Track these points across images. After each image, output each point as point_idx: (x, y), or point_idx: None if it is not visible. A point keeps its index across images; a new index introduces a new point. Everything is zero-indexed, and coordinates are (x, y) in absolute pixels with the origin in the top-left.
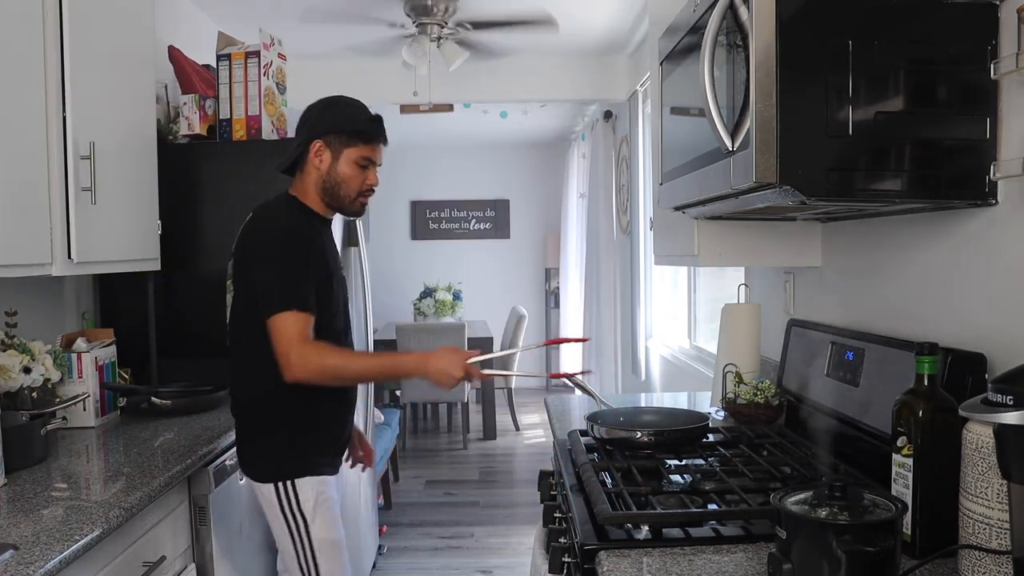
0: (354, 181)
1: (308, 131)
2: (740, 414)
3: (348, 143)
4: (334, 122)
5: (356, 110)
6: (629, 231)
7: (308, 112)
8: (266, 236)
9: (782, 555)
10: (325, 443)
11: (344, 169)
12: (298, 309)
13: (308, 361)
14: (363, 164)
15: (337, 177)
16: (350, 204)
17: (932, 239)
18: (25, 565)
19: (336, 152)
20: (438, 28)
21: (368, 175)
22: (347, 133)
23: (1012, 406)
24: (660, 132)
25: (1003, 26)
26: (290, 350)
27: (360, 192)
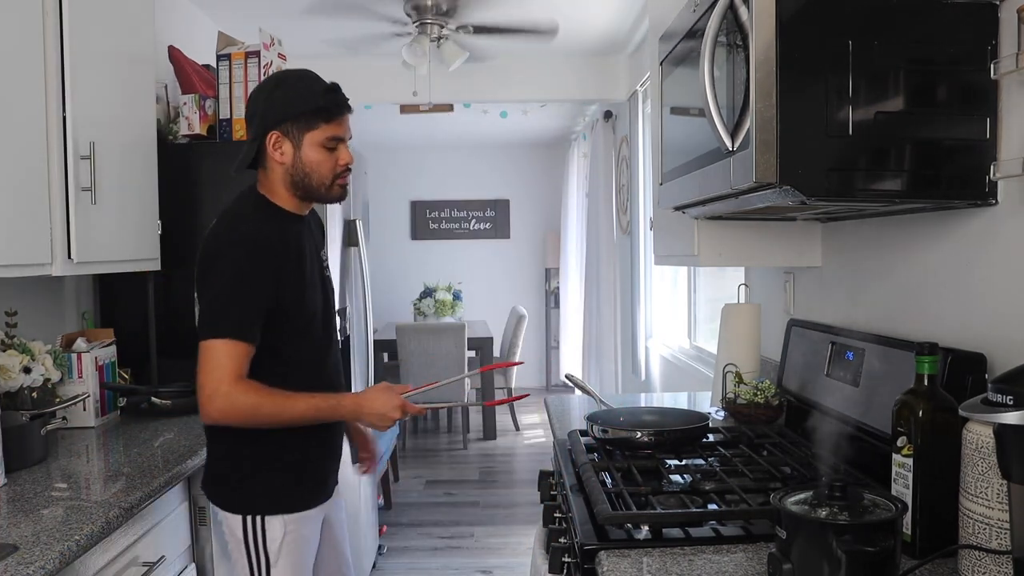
0: (324, 166)
1: (260, 122)
2: (740, 414)
3: (308, 126)
4: (287, 105)
5: (308, 83)
6: (629, 231)
7: (255, 99)
8: (218, 246)
9: (782, 555)
10: (304, 474)
11: (310, 156)
12: (232, 338)
13: (236, 404)
14: (330, 146)
15: (304, 167)
16: (327, 192)
17: (932, 239)
18: (25, 565)
19: (297, 140)
20: (438, 28)
21: (339, 154)
22: (305, 115)
23: (1012, 406)
24: (660, 132)
25: (1003, 26)
26: (218, 389)
27: (335, 176)
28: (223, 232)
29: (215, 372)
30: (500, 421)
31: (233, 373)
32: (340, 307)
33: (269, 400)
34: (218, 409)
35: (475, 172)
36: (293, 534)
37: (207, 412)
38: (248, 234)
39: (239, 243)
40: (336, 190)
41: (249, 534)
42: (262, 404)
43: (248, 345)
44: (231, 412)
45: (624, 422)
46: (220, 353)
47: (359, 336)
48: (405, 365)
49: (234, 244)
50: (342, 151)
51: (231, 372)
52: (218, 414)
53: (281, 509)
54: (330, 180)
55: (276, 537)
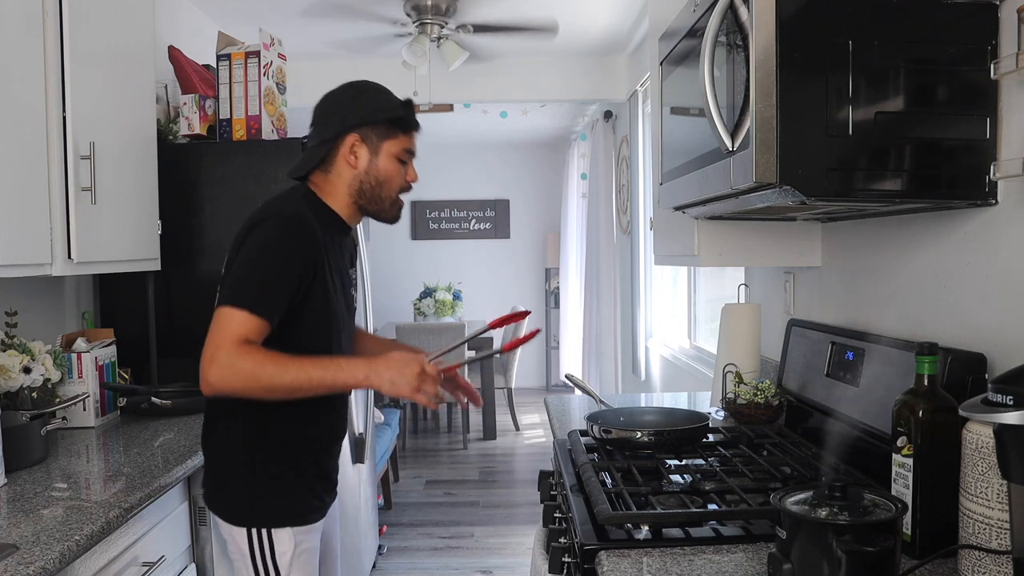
0: (396, 179)
1: (339, 123)
2: (740, 414)
3: (387, 135)
4: (371, 111)
5: (388, 95)
6: (629, 231)
7: (332, 101)
8: (261, 219)
9: (782, 555)
10: (315, 482)
11: (386, 166)
12: (249, 310)
13: (235, 367)
14: (404, 159)
15: (379, 176)
16: (391, 207)
17: (932, 239)
18: (25, 565)
19: (375, 147)
20: (438, 28)
21: (409, 170)
22: (385, 123)
23: (1012, 406)
24: (660, 132)
25: (1003, 26)
26: (216, 352)
27: (401, 191)
28: (268, 209)
29: (218, 336)
30: (500, 421)
31: (237, 338)
32: None
33: (271, 361)
34: (215, 374)
35: (475, 172)
36: (303, 545)
37: (205, 378)
38: (294, 216)
39: (282, 221)
40: (398, 208)
41: (256, 548)
42: (263, 365)
43: (263, 322)
44: (229, 376)
45: (624, 422)
46: (231, 320)
47: None
48: None
49: (277, 220)
50: (411, 167)
51: (236, 337)
52: (215, 378)
53: (291, 521)
54: (396, 195)
55: (286, 551)
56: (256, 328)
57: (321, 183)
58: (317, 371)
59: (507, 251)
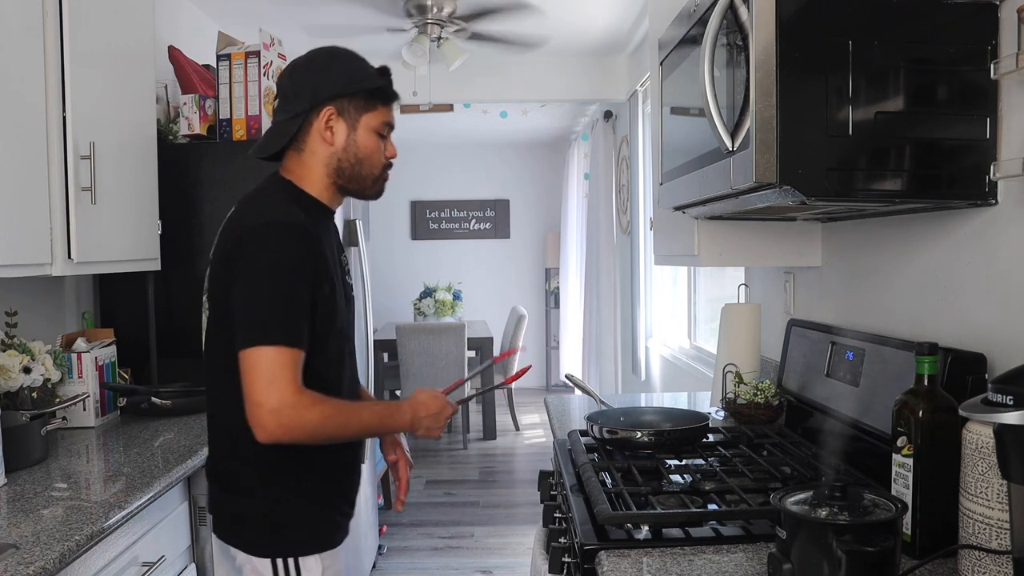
0: (377, 155)
1: (311, 95)
2: (740, 414)
3: (366, 107)
4: (347, 80)
5: (363, 63)
6: (629, 231)
7: (302, 70)
8: (249, 234)
9: (782, 555)
10: (339, 502)
11: (365, 141)
12: (284, 344)
13: (304, 419)
14: (383, 132)
15: (358, 152)
16: (373, 184)
17: (932, 239)
18: (25, 565)
19: (353, 120)
20: (438, 28)
21: (388, 146)
22: (363, 94)
23: (1012, 406)
24: (660, 132)
25: (1003, 26)
26: (283, 403)
27: (383, 167)
28: (254, 215)
29: (275, 384)
30: (500, 421)
31: (294, 384)
32: None
33: (335, 411)
34: (284, 426)
35: (475, 172)
36: (331, 570)
37: (269, 430)
38: (284, 220)
39: (275, 231)
40: (380, 185)
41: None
42: (330, 416)
43: (300, 351)
44: (298, 428)
45: (624, 422)
46: (274, 363)
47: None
48: (405, 365)
49: (269, 231)
50: (390, 143)
51: (292, 383)
52: (283, 431)
53: (318, 547)
54: (379, 172)
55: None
56: (296, 361)
57: (294, 166)
58: (374, 421)
59: (507, 251)
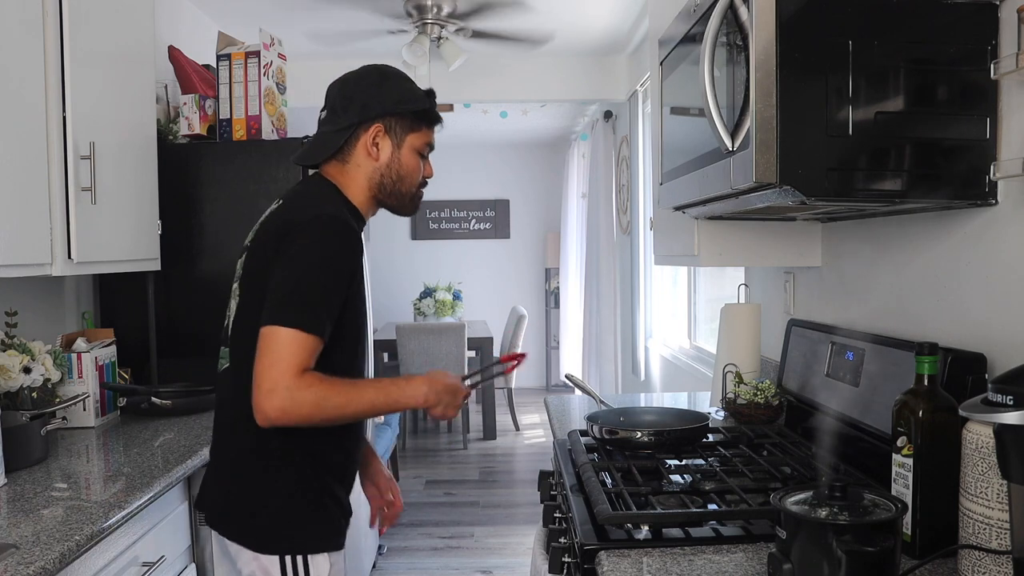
0: (416, 173)
1: (361, 111)
2: (740, 414)
3: (412, 127)
4: (397, 100)
5: (412, 84)
6: (629, 231)
7: (354, 85)
8: (307, 228)
9: (782, 555)
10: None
11: (408, 159)
12: (302, 329)
13: (298, 401)
14: (424, 153)
15: (400, 170)
16: (410, 201)
17: (932, 239)
18: (25, 565)
19: (399, 139)
20: (438, 28)
21: (427, 165)
22: (411, 115)
23: (1012, 406)
24: (660, 132)
25: (1003, 26)
26: (277, 384)
27: (420, 186)
28: (305, 208)
29: (277, 365)
30: (500, 421)
31: (296, 368)
32: None
33: (333, 391)
34: (277, 408)
35: (475, 172)
36: (337, 567)
37: (264, 411)
38: (338, 218)
39: (328, 224)
40: (416, 203)
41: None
42: (327, 397)
43: (318, 340)
44: (292, 410)
45: (624, 422)
46: (285, 345)
47: None
48: (405, 365)
49: (322, 224)
50: (428, 163)
51: (294, 367)
52: (277, 413)
53: (327, 545)
54: (415, 190)
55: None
56: (311, 348)
57: (337, 174)
58: (380, 398)
59: (507, 251)
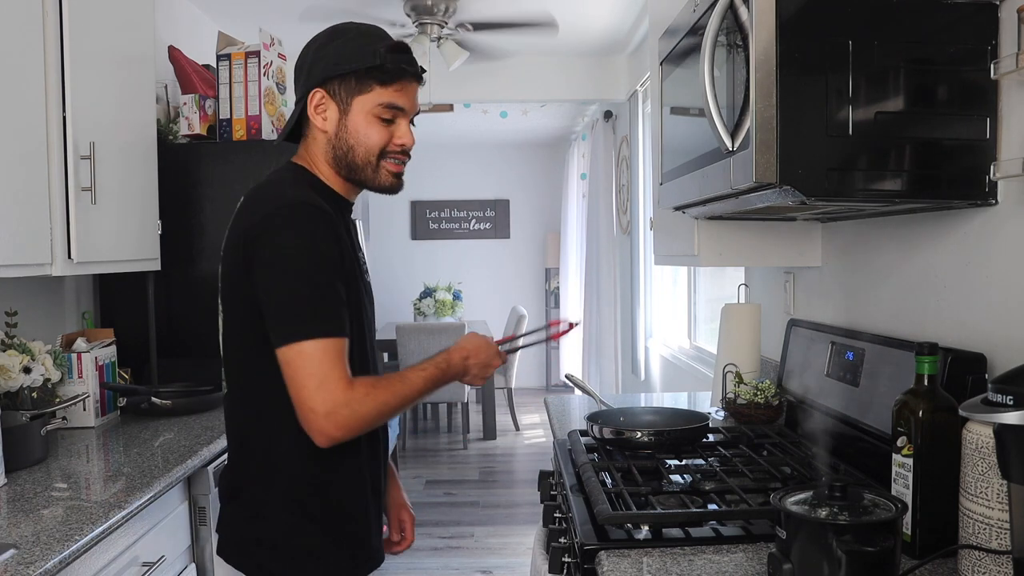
0: (373, 139)
1: (305, 79)
2: (740, 414)
3: (359, 88)
4: (337, 60)
5: (370, 39)
6: (629, 231)
7: (304, 52)
8: (271, 223)
9: (782, 555)
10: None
11: (358, 124)
12: (328, 335)
13: (360, 414)
14: (385, 116)
15: (348, 138)
16: (373, 174)
17: (932, 239)
18: (25, 565)
19: (344, 103)
20: (438, 28)
21: (396, 130)
22: (357, 74)
23: (1012, 406)
24: (660, 132)
25: (1003, 26)
26: (336, 403)
27: (382, 153)
28: (265, 204)
29: (326, 385)
30: (500, 421)
31: (345, 379)
32: None
33: (389, 394)
34: (342, 426)
35: (475, 172)
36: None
37: (327, 432)
38: (300, 203)
39: (292, 212)
40: (384, 176)
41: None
42: (385, 402)
43: (345, 340)
44: (355, 425)
45: (624, 422)
46: (320, 360)
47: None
48: (405, 365)
49: (286, 214)
50: (400, 127)
51: (343, 379)
52: (342, 432)
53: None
54: (375, 159)
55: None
56: (343, 351)
57: (304, 153)
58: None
59: (507, 251)
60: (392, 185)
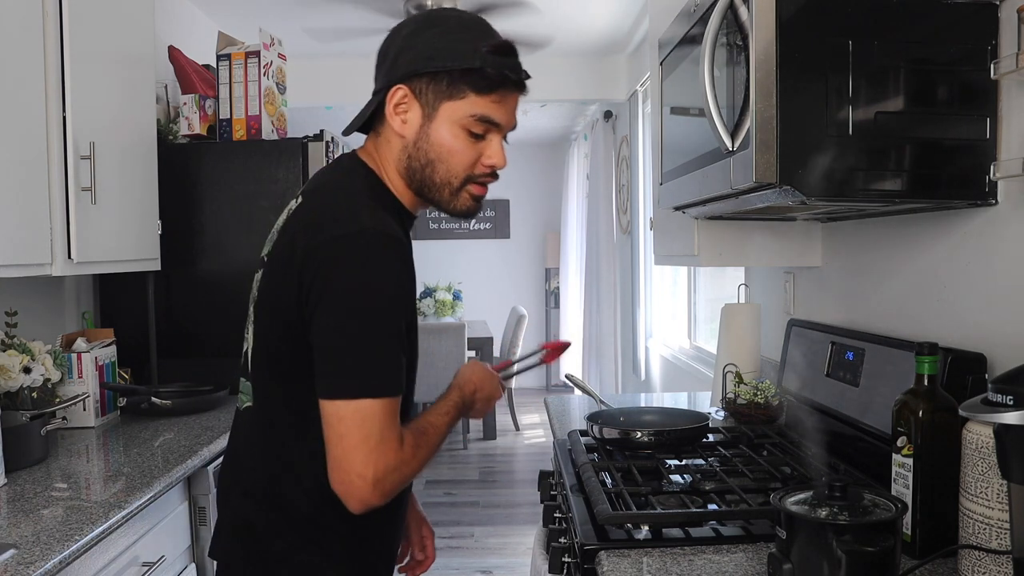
0: (460, 157)
1: (389, 68)
2: (740, 414)
3: (449, 91)
4: (431, 54)
5: (473, 33)
6: (629, 231)
7: (393, 36)
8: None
9: (782, 555)
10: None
11: (443, 135)
12: (388, 395)
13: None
14: (477, 130)
15: (429, 150)
16: (451, 197)
17: (932, 239)
18: (25, 565)
19: (430, 106)
20: None
21: (487, 148)
22: (450, 73)
23: (1012, 406)
24: (660, 132)
25: (1003, 26)
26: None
27: (469, 176)
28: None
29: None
30: (500, 421)
31: (398, 442)
32: None
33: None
34: (387, 494)
35: None
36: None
37: (368, 502)
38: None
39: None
40: (465, 199)
41: None
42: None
43: (399, 399)
44: (397, 490)
45: (624, 422)
46: (378, 422)
47: None
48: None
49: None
50: (492, 144)
51: (397, 442)
52: (384, 501)
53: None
54: (460, 180)
55: None
56: (396, 411)
57: (373, 151)
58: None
59: (507, 251)
60: (470, 210)
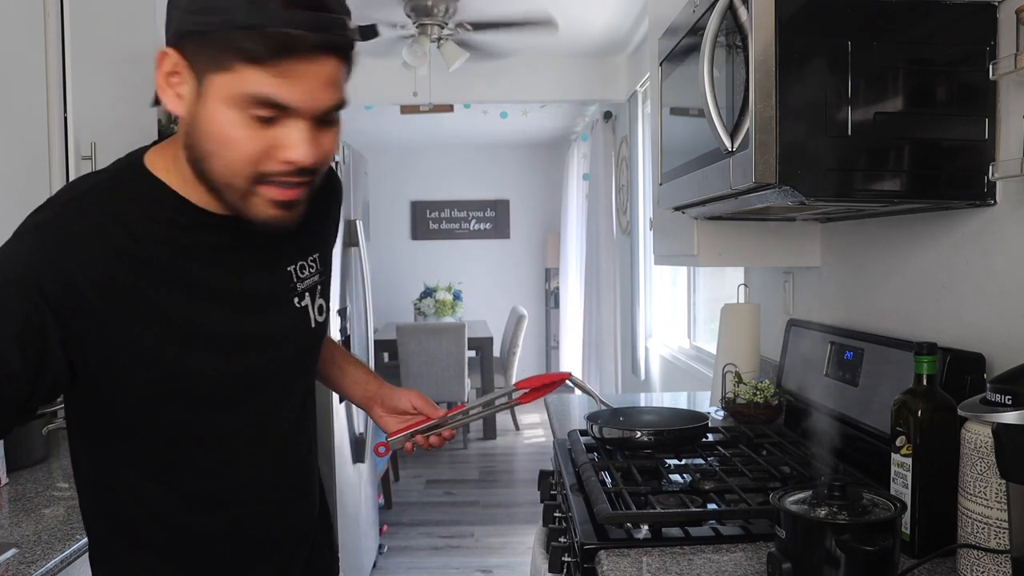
0: (241, 147)
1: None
2: (740, 414)
3: (219, 61)
4: (200, 4)
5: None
6: (629, 231)
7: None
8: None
9: (782, 555)
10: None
11: (216, 120)
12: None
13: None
14: (263, 114)
15: (204, 138)
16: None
17: (931, 239)
18: (26, 565)
19: (199, 79)
20: (438, 28)
21: (281, 137)
22: (218, 34)
23: (1011, 406)
24: (660, 132)
25: (1002, 27)
26: None
27: (258, 174)
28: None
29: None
30: (500, 421)
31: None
32: (340, 307)
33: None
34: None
35: (475, 172)
36: None
37: None
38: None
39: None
40: (261, 206)
41: None
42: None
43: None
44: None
45: (624, 422)
46: None
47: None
48: (405, 365)
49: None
50: (291, 132)
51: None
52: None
53: None
54: (245, 179)
55: None
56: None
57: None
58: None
59: (507, 251)
60: (272, 220)
